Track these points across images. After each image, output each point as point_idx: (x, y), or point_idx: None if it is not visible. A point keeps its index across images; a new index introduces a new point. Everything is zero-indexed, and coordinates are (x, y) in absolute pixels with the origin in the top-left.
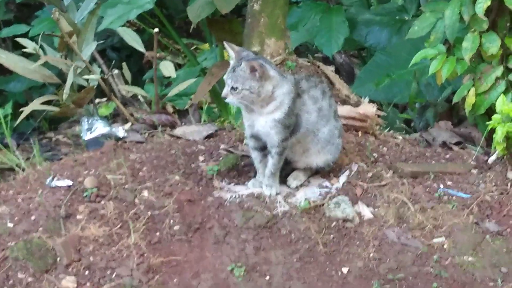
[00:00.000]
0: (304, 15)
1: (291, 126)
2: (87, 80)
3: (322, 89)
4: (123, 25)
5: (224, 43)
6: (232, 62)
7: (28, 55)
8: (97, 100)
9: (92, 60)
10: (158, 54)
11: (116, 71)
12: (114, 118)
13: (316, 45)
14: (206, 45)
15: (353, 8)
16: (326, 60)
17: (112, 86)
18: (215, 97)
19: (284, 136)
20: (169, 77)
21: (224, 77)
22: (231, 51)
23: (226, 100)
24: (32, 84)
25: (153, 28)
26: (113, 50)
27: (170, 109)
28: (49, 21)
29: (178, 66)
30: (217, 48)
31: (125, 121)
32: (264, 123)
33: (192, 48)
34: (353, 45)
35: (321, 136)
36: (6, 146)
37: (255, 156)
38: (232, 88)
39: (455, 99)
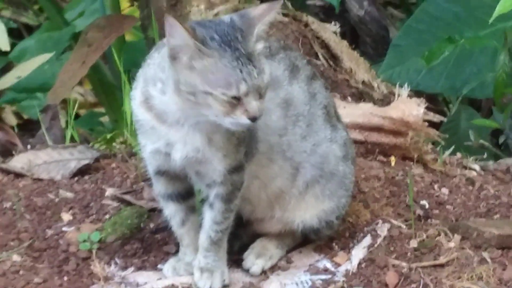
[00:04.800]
0: None
1: (245, 139)
2: None
3: (289, 61)
4: None
5: None
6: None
7: None
8: None
9: None
10: None
11: None
12: None
13: None
14: None
15: None
16: (330, 12)
17: None
18: (100, 91)
19: (236, 160)
20: (5, 53)
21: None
22: None
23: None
24: None
25: None
26: None
27: (10, 118)
28: None
29: (26, 29)
30: None
31: None
32: (198, 138)
33: None
34: None
35: (300, 159)
36: None
37: (173, 212)
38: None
39: None
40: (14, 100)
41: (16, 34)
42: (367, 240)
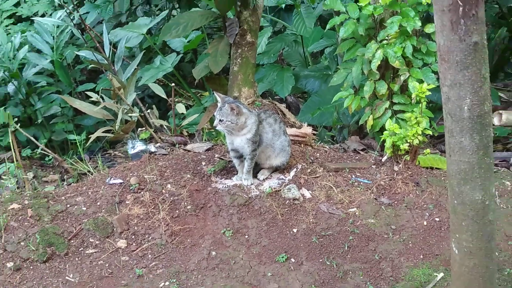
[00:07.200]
0: (266, 72)
1: (257, 142)
2: (130, 116)
3: (274, 118)
4: (154, 82)
5: (214, 92)
6: (219, 104)
7: (94, 102)
8: (139, 129)
9: (135, 104)
10: (176, 99)
11: (149, 111)
12: (150, 140)
13: (274, 91)
14: (207, 93)
15: (297, 67)
16: (281, 100)
17: (148, 120)
18: (212, 125)
19: (253, 148)
20: (183, 113)
21: (214, 113)
22: (218, 97)
23: (216, 128)
24: (97, 120)
25: (172, 83)
26: (149, 97)
27: (185, 133)
28: (107, 80)
29: (189, 106)
30: (213, 95)
31: (156, 142)
32: (240, 141)
33: (198, 95)
34: (298, 90)
35: (276, 146)
36: (82, 159)
37: (235, 162)
38: (220, 120)
39: (361, 122)
40: (186, 127)
41: (186, 108)
42: (294, 170)
